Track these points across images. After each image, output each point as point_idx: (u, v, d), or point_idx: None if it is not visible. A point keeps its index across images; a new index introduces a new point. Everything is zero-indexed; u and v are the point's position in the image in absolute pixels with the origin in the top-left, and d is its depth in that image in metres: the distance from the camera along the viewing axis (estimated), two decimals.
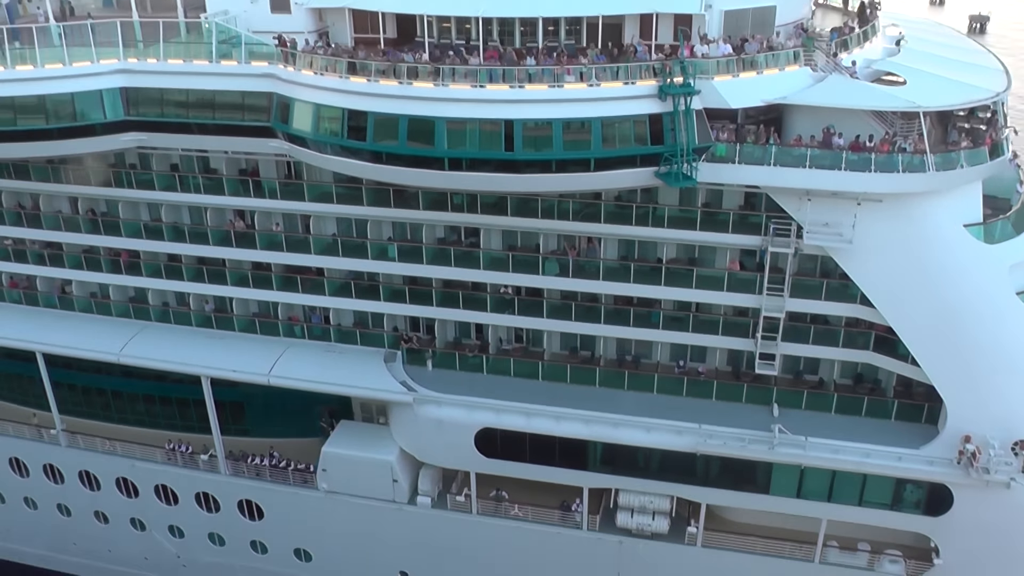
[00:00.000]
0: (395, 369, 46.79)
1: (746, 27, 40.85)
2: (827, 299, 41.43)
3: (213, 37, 43.35)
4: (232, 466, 50.56)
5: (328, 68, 39.82)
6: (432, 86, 37.74)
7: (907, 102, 37.52)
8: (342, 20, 44.61)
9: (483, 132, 37.44)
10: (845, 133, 38.37)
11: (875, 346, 41.87)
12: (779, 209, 39.75)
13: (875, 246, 38.93)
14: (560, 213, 42.74)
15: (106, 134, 45.23)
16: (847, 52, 41.42)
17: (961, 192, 38.77)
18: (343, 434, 48.57)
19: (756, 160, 38.33)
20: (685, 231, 41.96)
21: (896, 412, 42.86)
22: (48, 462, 54.52)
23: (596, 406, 43.87)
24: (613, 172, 38.01)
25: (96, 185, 49.98)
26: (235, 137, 44.63)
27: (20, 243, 53.48)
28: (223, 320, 50.77)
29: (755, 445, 41.67)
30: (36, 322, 52.96)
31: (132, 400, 54.33)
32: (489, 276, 44.87)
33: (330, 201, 45.94)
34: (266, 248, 48.00)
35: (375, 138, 38.79)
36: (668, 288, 42.83)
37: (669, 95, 36.56)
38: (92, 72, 44.18)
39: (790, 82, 38.79)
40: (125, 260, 51.41)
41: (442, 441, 45.48)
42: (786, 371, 44.63)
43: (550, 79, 37.01)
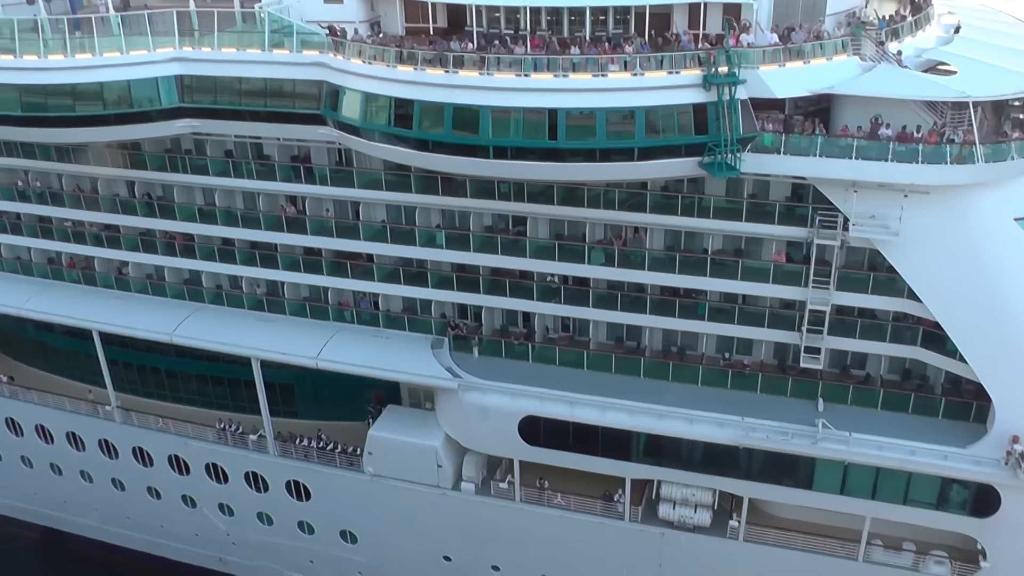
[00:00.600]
0: (441, 355, 47.18)
1: (796, 15, 40.48)
2: (874, 293, 40.90)
3: (266, 26, 43.99)
4: (281, 447, 51.39)
5: (376, 57, 40.25)
6: (477, 75, 37.95)
7: (957, 92, 36.84)
8: (393, 10, 45.27)
9: (527, 121, 37.58)
10: (894, 124, 37.83)
11: (923, 341, 41.27)
12: (826, 201, 39.40)
13: (922, 239, 38.40)
14: (606, 202, 42.77)
15: (161, 120, 46.32)
16: (898, 41, 40.81)
17: (1013, 185, 38.09)
18: (390, 418, 49.16)
19: (802, 151, 37.90)
20: (731, 222, 41.72)
21: (943, 410, 42.23)
22: (103, 437, 55.94)
23: (640, 397, 43.82)
24: (657, 162, 37.87)
25: (153, 170, 51.11)
26: (286, 124, 45.33)
27: (79, 225, 54.99)
28: (274, 303, 51.67)
29: (798, 439, 41.33)
30: (93, 302, 54.38)
31: (185, 379, 55.72)
32: (535, 264, 45.05)
33: (379, 188, 46.43)
34: (316, 233, 48.71)
35: (421, 126, 39.15)
36: (713, 279, 42.63)
37: (713, 85, 36.34)
38: (148, 60, 45.25)
39: (838, 72, 38.29)
40: (180, 243, 52.57)
41: (486, 428, 45.79)
42: (833, 365, 44.29)
43: (594, 68, 37.01)
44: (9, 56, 45.81)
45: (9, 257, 58.29)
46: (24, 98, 46.23)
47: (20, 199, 55.76)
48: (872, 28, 40.58)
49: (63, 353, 59.01)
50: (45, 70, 45.52)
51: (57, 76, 45.51)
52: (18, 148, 53.38)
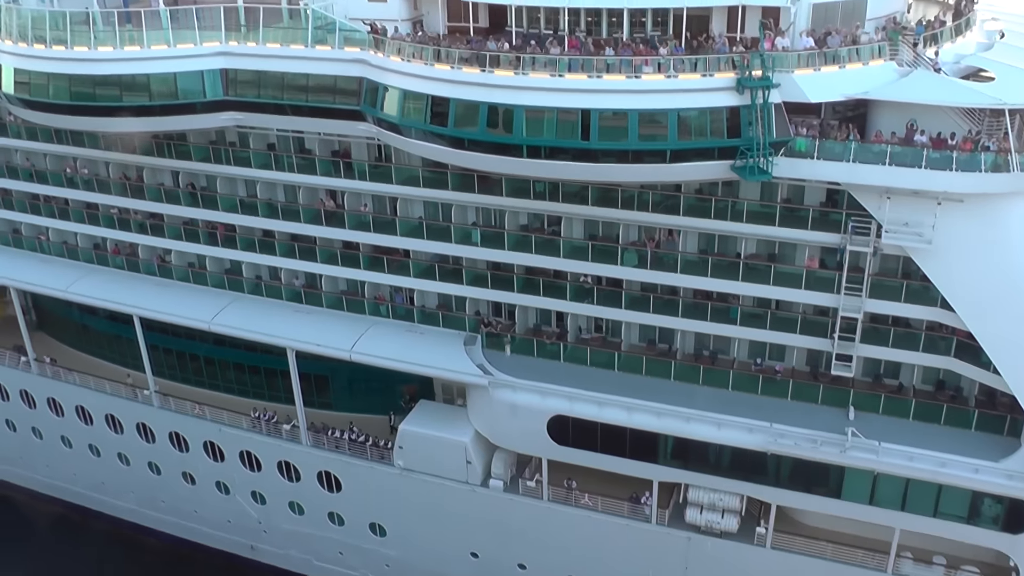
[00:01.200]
0: (474, 352, 47.50)
1: (835, 20, 40.32)
2: (907, 301, 40.58)
3: (309, 23, 44.61)
4: (313, 437, 51.98)
5: (415, 55, 40.67)
6: (512, 74, 38.25)
7: (993, 99, 36.52)
8: (436, 9, 45.62)
9: (561, 121, 37.78)
10: (932, 130, 37.57)
11: (956, 352, 40.82)
12: (859, 207, 39.16)
13: (956, 248, 38.08)
14: (640, 204, 42.88)
15: (205, 112, 47.30)
16: (936, 46, 40.44)
17: None
18: (421, 413, 49.60)
19: (835, 156, 37.73)
20: (764, 226, 41.62)
21: (977, 422, 41.71)
22: (141, 421, 57.01)
23: (670, 399, 43.79)
24: (689, 164, 37.90)
25: (197, 160, 52.04)
26: (327, 119, 45.93)
27: (125, 212, 56.13)
28: (312, 296, 52.34)
29: (827, 447, 41.08)
30: (136, 287, 55.54)
31: (223, 367, 56.68)
32: (568, 264, 45.22)
33: (417, 185, 46.95)
34: (354, 228, 49.29)
35: (456, 124, 39.52)
36: (746, 284, 42.53)
37: (747, 88, 36.30)
38: (195, 54, 46.17)
39: (873, 77, 38.04)
40: (222, 233, 53.51)
41: (515, 426, 46.03)
42: (866, 374, 44.02)
43: (628, 69, 37.12)
44: (61, 47, 46.83)
45: (56, 241, 59.65)
46: (73, 87, 47.23)
47: (68, 185, 57.07)
48: (910, 33, 40.26)
49: (105, 337, 60.33)
50: (94, 61, 46.51)
51: (105, 67, 46.50)
52: (67, 136, 54.56)
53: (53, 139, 55.39)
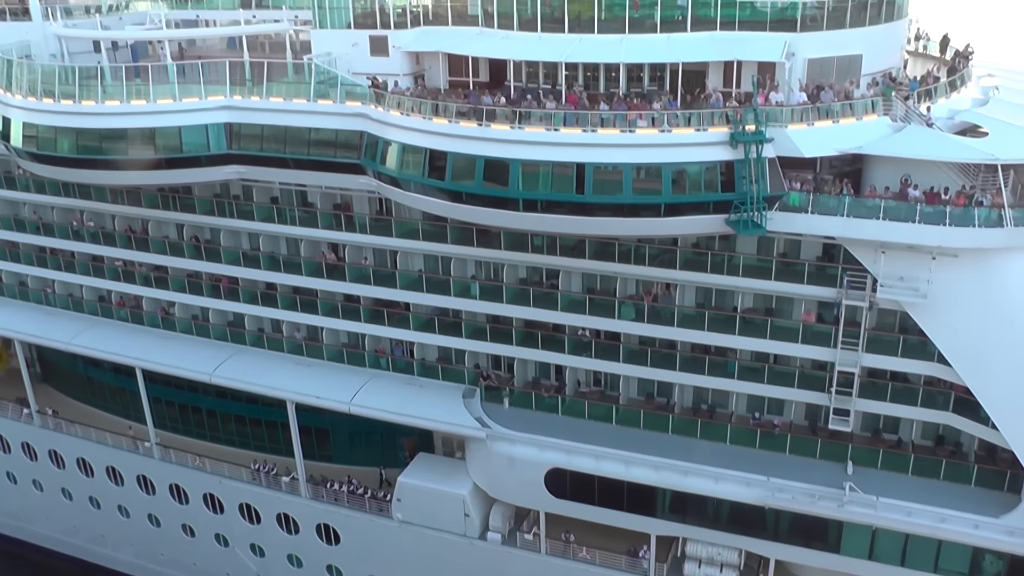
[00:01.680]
0: (472, 405, 47.58)
1: (831, 75, 40.70)
2: (904, 356, 40.58)
3: (311, 77, 45.27)
4: (312, 490, 51.91)
5: (413, 109, 41.20)
6: (508, 128, 38.66)
7: (985, 154, 36.79)
8: (437, 63, 46.20)
9: (556, 175, 38.11)
10: (927, 185, 37.82)
11: (955, 407, 40.73)
12: (855, 261, 39.33)
13: (952, 302, 38.14)
14: (637, 258, 43.15)
15: (210, 166, 47.85)
16: (930, 101, 40.83)
17: None
18: (420, 466, 49.60)
19: (830, 210, 38.01)
20: (760, 280, 41.77)
21: (976, 477, 41.49)
22: (142, 473, 57.04)
23: (668, 453, 43.76)
24: (684, 218, 38.13)
25: (201, 213, 52.56)
26: (328, 173, 46.41)
27: (129, 265, 56.62)
28: (313, 348, 52.59)
29: (824, 502, 40.93)
30: (139, 340, 55.96)
31: (224, 419, 56.83)
32: (566, 318, 45.42)
33: (417, 238, 47.37)
34: (355, 281, 49.62)
35: (454, 177, 39.91)
36: (742, 338, 42.63)
37: (740, 142, 36.62)
38: (200, 108, 46.84)
39: (867, 132, 38.37)
40: (225, 286, 53.90)
41: (513, 478, 45.97)
42: (865, 428, 43.98)
43: (622, 124, 37.53)
44: (69, 101, 47.58)
45: (62, 293, 60.13)
46: (80, 141, 47.95)
47: (74, 238, 57.66)
48: (904, 88, 40.67)
49: (109, 389, 60.57)
50: (100, 115, 47.24)
51: (111, 121, 47.26)
52: (74, 189, 55.22)
53: (60, 192, 56.10)
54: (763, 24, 40.81)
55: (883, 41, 42.80)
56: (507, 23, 43.32)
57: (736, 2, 40.56)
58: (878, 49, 42.41)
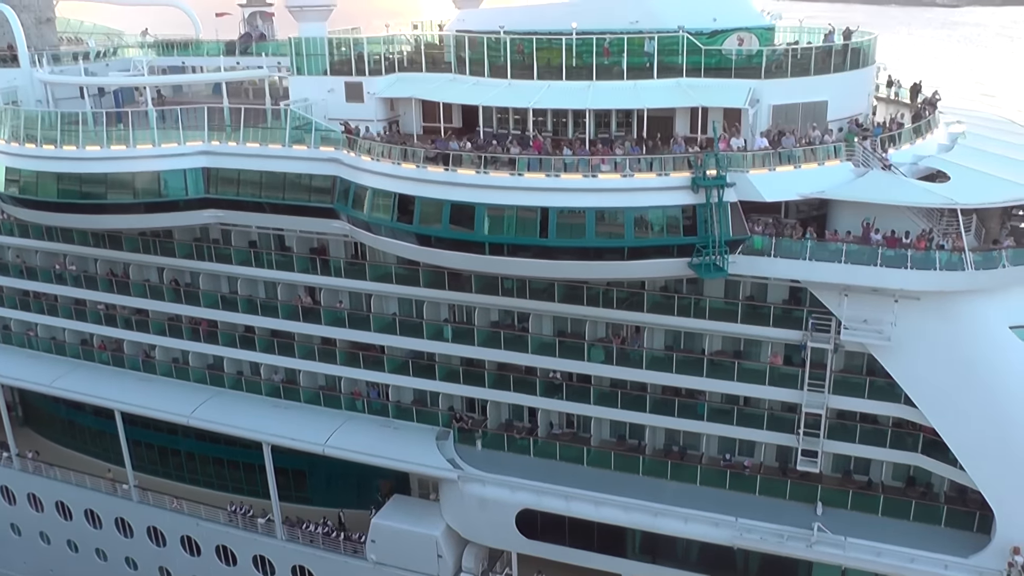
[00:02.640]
0: (445, 447, 47.85)
1: (796, 121, 41.39)
2: (871, 398, 40.90)
3: (287, 123, 45.96)
4: (288, 531, 52.02)
5: (383, 154, 41.82)
6: (474, 173, 39.25)
7: (945, 198, 37.33)
8: (412, 110, 46.90)
9: (520, 218, 38.69)
10: (891, 229, 38.38)
11: (923, 448, 40.98)
12: (820, 304, 39.76)
13: (916, 344, 38.54)
14: (606, 301, 43.60)
15: (188, 210, 48.50)
16: (894, 147, 41.34)
17: (1008, 292, 38.24)
18: (395, 507, 49.72)
19: (793, 254, 38.53)
20: (727, 323, 42.21)
21: (946, 518, 41.66)
22: (120, 516, 57.10)
23: (639, 494, 43.99)
24: (648, 261, 38.62)
25: (181, 257, 53.09)
26: (303, 217, 47.00)
27: (111, 308, 57.14)
28: (290, 391, 52.95)
29: (793, 542, 41.10)
30: (119, 383, 56.33)
31: (203, 462, 56.94)
32: (537, 360, 45.81)
33: (390, 281, 47.84)
34: (331, 324, 50.05)
35: (422, 221, 40.45)
36: (711, 380, 42.99)
37: (702, 187, 37.19)
38: (178, 152, 47.55)
39: (829, 177, 38.89)
40: (204, 329, 54.29)
41: (485, 519, 46.15)
42: (835, 470, 44.19)
43: (585, 169, 38.10)
44: (51, 146, 48.31)
45: (45, 337, 60.60)
46: (61, 185, 48.63)
47: (57, 281, 58.17)
48: (867, 134, 41.23)
49: (90, 432, 60.75)
50: (80, 159, 47.95)
51: (91, 166, 47.94)
52: (58, 233, 55.79)
53: (44, 236, 56.67)
54: (728, 71, 41.69)
55: (849, 88, 43.42)
56: (478, 70, 44.20)
57: (701, 49, 41.37)
58: (844, 95, 43.02)
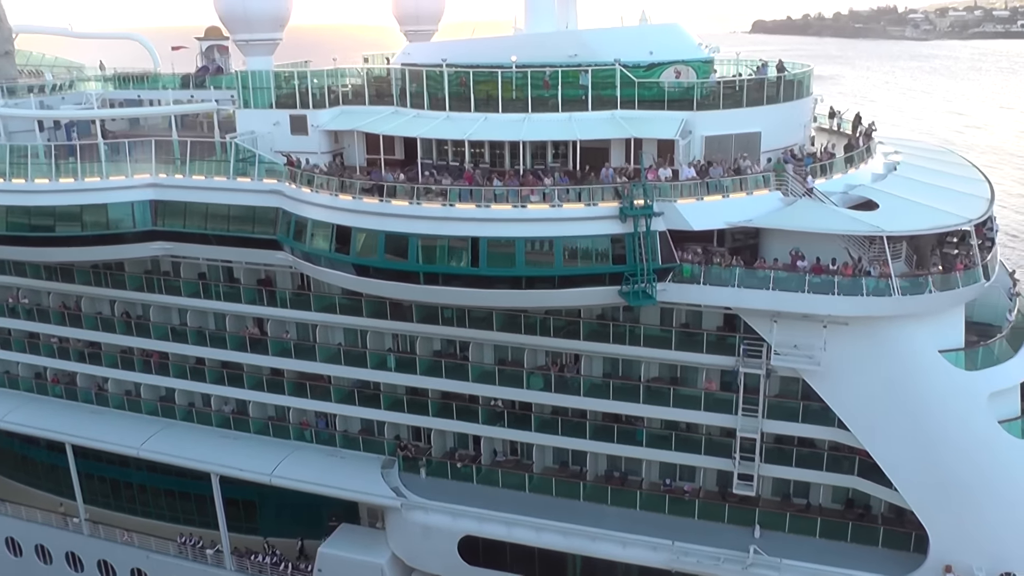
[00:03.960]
0: (390, 475, 48.19)
1: (729, 152, 42.17)
2: (805, 422, 41.53)
3: (231, 155, 46.54)
4: (237, 562, 52.13)
5: (322, 186, 42.40)
6: (407, 204, 39.85)
7: (871, 226, 38.09)
8: (356, 142, 47.51)
9: (452, 248, 39.32)
10: (823, 256, 39.06)
11: (860, 471, 41.54)
12: (753, 330, 40.38)
13: (846, 369, 39.18)
14: (544, 329, 44.14)
15: (136, 242, 48.88)
16: (825, 177, 42.11)
17: (938, 317, 38.84)
18: (341, 536, 49.89)
19: (722, 281, 39.19)
20: (662, 350, 42.78)
21: (883, 539, 42.26)
22: (70, 550, 56.97)
23: (580, 520, 44.40)
24: (579, 289, 39.28)
25: (131, 290, 53.39)
26: (248, 248, 47.53)
27: (64, 341, 57.18)
28: (240, 422, 53.22)
29: (729, 564, 41.54)
30: (71, 416, 56.38)
31: (154, 494, 56.81)
32: (477, 388, 46.34)
33: (334, 311, 48.27)
34: (278, 354, 50.40)
35: (358, 252, 40.98)
36: (647, 406, 43.52)
37: (629, 216, 37.87)
38: (126, 185, 48.05)
39: (758, 206, 39.62)
40: (156, 361, 54.49)
41: (428, 547, 46.48)
42: (776, 493, 44.67)
43: (515, 199, 38.76)
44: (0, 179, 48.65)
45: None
46: (9, 218, 49.02)
47: (10, 315, 58.21)
48: (799, 164, 41.98)
49: (43, 467, 60.48)
50: (28, 192, 48.49)
51: (39, 199, 48.49)
52: (10, 266, 56.04)
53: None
54: (661, 103, 42.52)
55: (783, 119, 44.41)
56: (419, 102, 44.93)
57: (635, 82, 42.16)
58: (778, 127, 43.96)
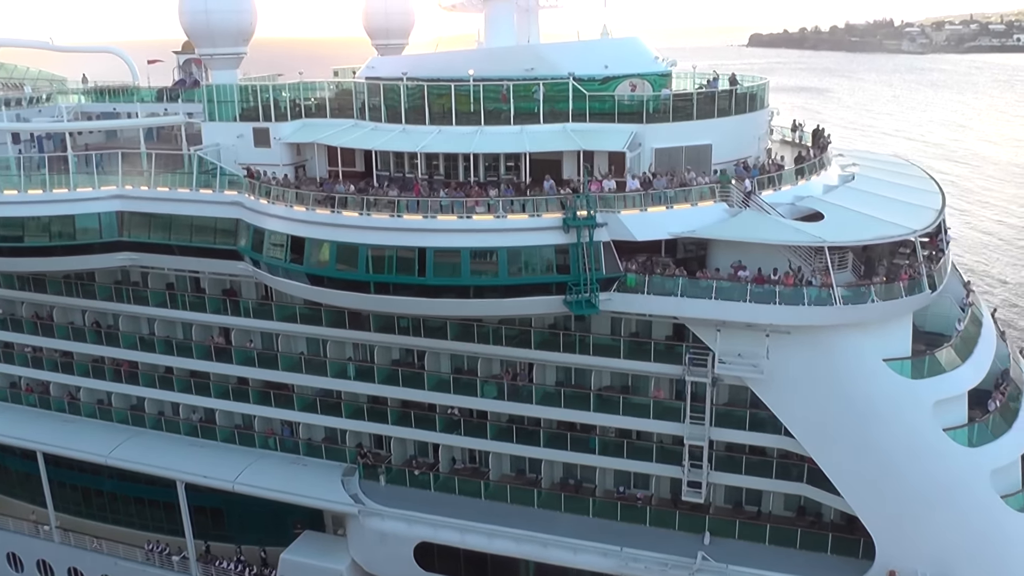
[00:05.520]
0: (350, 483, 48.87)
1: (679, 164, 42.90)
2: (753, 430, 42.14)
3: (194, 167, 47.40)
4: (202, 569, 52.76)
5: (278, 197, 43.22)
6: (357, 215, 40.64)
7: (812, 237, 38.79)
8: (319, 153, 48.34)
9: (400, 258, 40.10)
10: (774, 267, 39.74)
11: (808, 479, 42.09)
12: (700, 339, 40.98)
13: (789, 377, 39.80)
14: (497, 338, 44.85)
15: (103, 252, 49.70)
16: (773, 189, 42.82)
17: (883, 326, 39.42)
18: (304, 543, 50.51)
19: (666, 291, 39.87)
20: (612, 359, 43.43)
21: (833, 545, 42.83)
22: (41, 558, 57.74)
23: (534, 526, 44.99)
24: (524, 299, 39.99)
25: (102, 300, 54.20)
26: (210, 259, 48.37)
27: (38, 351, 57.94)
28: (208, 430, 53.97)
29: (676, 570, 42.20)
30: (44, 425, 57.17)
31: (125, 502, 57.42)
32: (433, 397, 47.08)
33: (295, 321, 49.01)
34: (242, 363, 51.20)
35: (310, 262, 41.75)
36: (598, 414, 44.16)
37: (572, 227, 38.58)
38: (92, 197, 48.92)
39: (702, 216, 40.35)
40: (126, 370, 55.27)
41: (385, 553, 47.20)
42: (728, 501, 45.35)
43: (460, 210, 39.51)
44: None
45: None
46: None
47: None
48: (746, 175, 42.57)
49: (16, 475, 61.07)
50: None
51: (8, 210, 49.19)
52: None
53: None
54: (612, 116, 43.25)
55: (736, 132, 45.20)
56: (377, 115, 45.75)
57: (586, 95, 42.94)
58: (730, 139, 44.73)
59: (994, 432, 40.14)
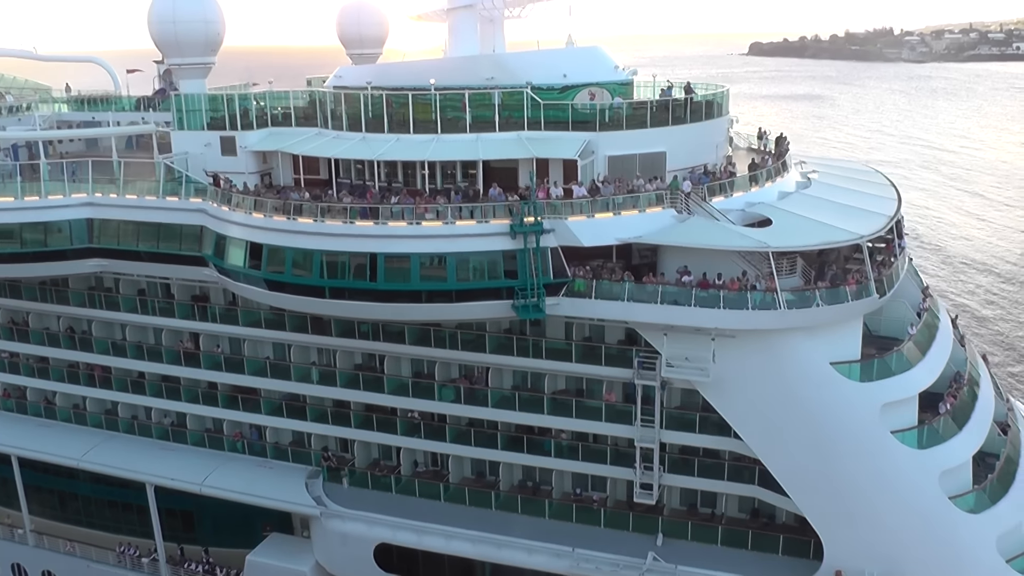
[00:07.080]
0: (314, 485, 49.70)
1: (633, 171, 43.70)
2: (703, 432, 42.82)
3: (161, 175, 48.36)
4: (172, 571, 53.60)
5: (238, 205, 44.18)
6: (312, 222, 41.56)
7: (757, 242, 39.50)
8: (285, 162, 49.25)
9: (353, 264, 41.00)
10: (724, 272, 40.50)
11: (760, 481, 42.74)
12: (648, 344, 41.73)
13: (736, 380, 40.50)
14: (453, 343, 45.65)
15: (74, 259, 50.73)
16: (724, 195, 43.56)
17: (831, 330, 40.07)
18: (270, 545, 51.32)
19: (613, 295, 40.66)
20: (564, 363, 44.22)
21: (784, 546, 43.45)
22: (16, 561, 58.62)
23: (491, 528, 45.71)
24: (474, 303, 40.85)
25: (75, 305, 55.13)
26: (176, 265, 49.34)
27: (15, 356, 58.87)
28: (178, 434, 54.83)
29: (626, 571, 42.83)
30: (19, 429, 58.03)
31: (99, 505, 58.33)
32: (393, 400, 47.92)
33: (261, 326, 49.93)
34: (210, 368, 52.06)
35: (268, 267, 42.70)
36: (552, 417, 44.94)
37: (520, 233, 39.45)
38: (63, 204, 49.94)
39: (649, 223, 41.09)
40: (99, 375, 56.17)
41: (346, 554, 47.94)
42: (683, 503, 46.01)
43: (410, 217, 40.41)
44: None
45: None
46: None
47: None
48: (698, 184, 43.33)
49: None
50: None
51: None
52: None
53: None
54: (566, 124, 44.07)
55: (691, 139, 45.88)
56: (339, 124, 46.65)
57: (541, 104, 43.80)
58: (685, 147, 45.45)
59: (944, 434, 40.76)
